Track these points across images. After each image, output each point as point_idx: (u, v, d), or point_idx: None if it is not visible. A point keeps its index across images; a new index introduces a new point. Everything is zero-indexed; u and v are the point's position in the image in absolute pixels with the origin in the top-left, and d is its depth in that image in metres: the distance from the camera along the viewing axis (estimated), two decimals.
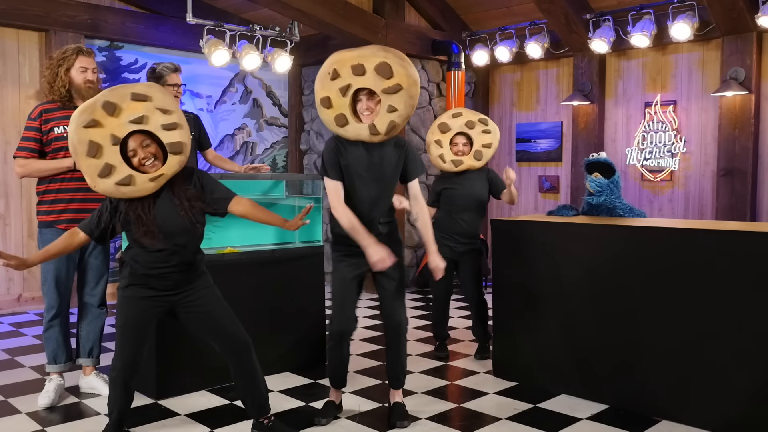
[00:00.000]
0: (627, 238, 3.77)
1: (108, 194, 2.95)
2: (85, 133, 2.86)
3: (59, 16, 6.30)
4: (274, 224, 3.20)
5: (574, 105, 7.39)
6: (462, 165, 4.66)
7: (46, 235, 3.78)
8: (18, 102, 6.33)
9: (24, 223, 6.40)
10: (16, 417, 3.64)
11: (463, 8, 7.77)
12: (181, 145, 2.98)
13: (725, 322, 3.38)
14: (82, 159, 2.88)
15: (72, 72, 3.76)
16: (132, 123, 2.91)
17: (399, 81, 3.22)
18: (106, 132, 2.88)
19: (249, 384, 3.21)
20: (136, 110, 2.92)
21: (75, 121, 2.87)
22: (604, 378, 3.83)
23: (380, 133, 3.28)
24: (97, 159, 2.87)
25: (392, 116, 3.26)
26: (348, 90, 3.24)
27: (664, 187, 6.98)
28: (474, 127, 4.66)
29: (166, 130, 2.96)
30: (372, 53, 3.24)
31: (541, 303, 4.09)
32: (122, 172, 2.90)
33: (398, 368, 3.56)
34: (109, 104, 2.88)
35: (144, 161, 2.94)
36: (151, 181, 2.95)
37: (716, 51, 6.53)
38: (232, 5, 7.31)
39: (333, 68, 3.24)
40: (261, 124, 8.04)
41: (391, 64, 3.21)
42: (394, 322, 3.49)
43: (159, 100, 2.97)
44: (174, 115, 2.99)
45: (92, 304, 3.95)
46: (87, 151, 2.86)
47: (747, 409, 3.32)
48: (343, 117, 3.28)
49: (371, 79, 3.22)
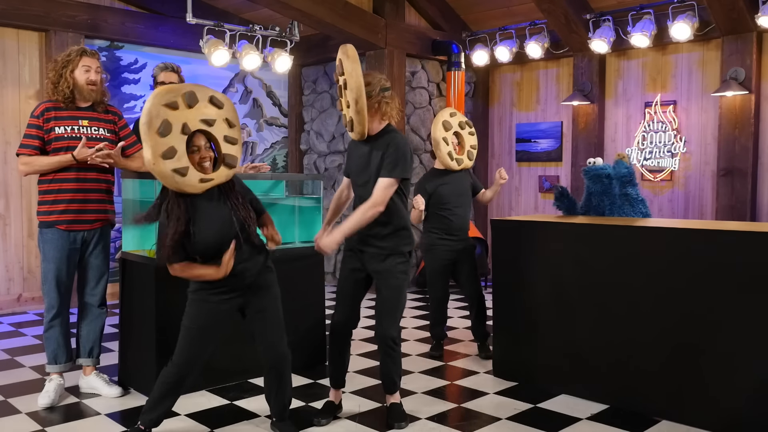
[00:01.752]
0: (627, 238, 3.77)
1: (161, 176, 2.92)
2: (164, 111, 2.88)
3: (59, 16, 6.30)
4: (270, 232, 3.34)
5: (574, 105, 7.39)
6: (463, 164, 4.78)
7: (46, 234, 3.78)
8: (18, 102, 6.33)
9: (24, 223, 6.40)
10: (16, 417, 3.64)
11: (463, 8, 7.77)
12: (235, 159, 3.10)
13: (725, 321, 3.38)
14: (151, 134, 2.87)
15: (75, 73, 3.77)
16: (203, 122, 2.99)
17: (347, 77, 3.30)
18: (181, 119, 2.93)
19: (274, 391, 3.33)
20: (210, 112, 3.02)
21: (159, 96, 2.90)
22: (604, 378, 3.83)
23: (352, 128, 3.37)
24: (165, 139, 2.88)
25: (350, 112, 3.35)
26: (340, 90, 3.41)
27: (664, 187, 6.98)
28: (464, 128, 4.85)
29: (226, 142, 3.08)
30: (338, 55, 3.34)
31: (541, 303, 4.09)
32: (182, 161, 2.93)
33: (389, 376, 3.56)
34: (192, 96, 2.96)
35: (203, 161, 3.01)
36: (201, 182, 2.99)
37: (716, 51, 6.53)
38: (232, 5, 7.31)
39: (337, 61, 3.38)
40: (261, 124, 8.04)
41: (342, 60, 3.31)
42: (378, 334, 3.49)
43: (230, 112, 3.10)
44: (236, 131, 3.11)
45: (92, 304, 3.95)
46: (159, 128, 2.87)
47: (747, 409, 3.32)
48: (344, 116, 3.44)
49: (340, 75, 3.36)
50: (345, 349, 3.60)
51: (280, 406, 3.36)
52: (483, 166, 8.37)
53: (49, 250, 3.78)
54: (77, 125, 3.79)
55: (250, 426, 3.50)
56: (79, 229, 3.80)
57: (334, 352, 3.60)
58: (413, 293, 7.44)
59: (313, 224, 4.74)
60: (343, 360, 3.61)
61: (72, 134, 3.77)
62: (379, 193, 3.30)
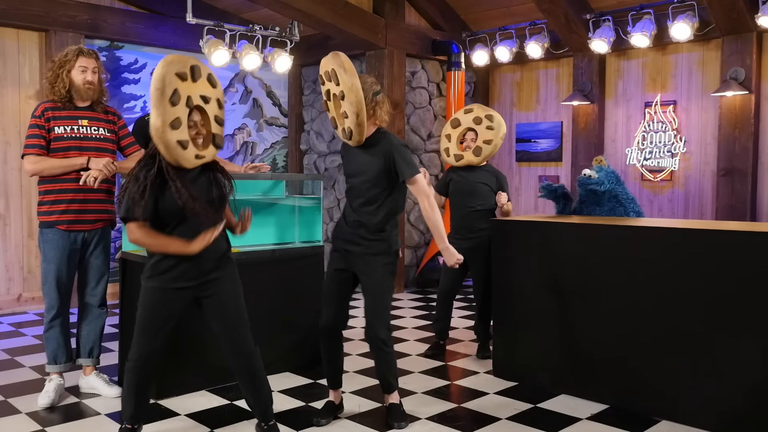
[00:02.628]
0: (627, 238, 3.77)
1: (166, 145, 2.85)
2: (175, 81, 2.84)
3: (59, 16, 6.29)
4: None
5: (574, 105, 7.39)
6: (462, 160, 4.77)
7: (47, 235, 3.77)
8: (18, 102, 6.33)
9: (24, 223, 6.40)
10: (16, 417, 3.64)
11: (463, 8, 7.77)
12: (222, 140, 3.09)
13: (725, 321, 3.38)
14: (163, 102, 2.81)
15: (72, 73, 3.77)
16: (201, 98, 2.96)
17: (343, 88, 3.27)
18: (186, 91, 2.89)
19: (248, 390, 3.21)
20: (208, 90, 2.99)
21: (170, 64, 2.84)
22: (604, 378, 3.83)
23: (348, 135, 3.37)
24: (174, 108, 2.84)
25: (347, 122, 3.33)
26: (329, 95, 3.38)
27: (664, 187, 6.98)
28: (480, 123, 4.77)
29: (216, 122, 3.05)
30: (327, 60, 3.32)
31: (541, 303, 4.09)
32: (185, 133, 2.90)
33: (384, 377, 3.55)
34: (197, 70, 2.92)
35: (197, 137, 2.97)
36: (196, 158, 2.97)
37: (716, 51, 6.53)
38: (232, 5, 7.31)
39: (320, 73, 3.39)
40: (261, 124, 8.04)
41: (337, 71, 3.27)
42: (368, 336, 3.47)
43: (220, 93, 3.07)
44: (222, 113, 3.10)
45: (93, 304, 3.95)
46: (171, 96, 2.82)
47: (747, 409, 3.32)
48: (333, 120, 3.43)
49: (333, 85, 3.32)
50: (336, 349, 3.58)
51: (261, 407, 3.23)
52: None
53: (49, 250, 3.77)
54: (77, 125, 3.79)
55: (250, 426, 3.50)
56: (80, 230, 3.80)
57: (325, 354, 3.58)
58: (413, 293, 7.44)
59: (313, 224, 4.75)
60: (336, 361, 3.60)
61: (72, 134, 3.77)
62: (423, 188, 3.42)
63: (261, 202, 4.58)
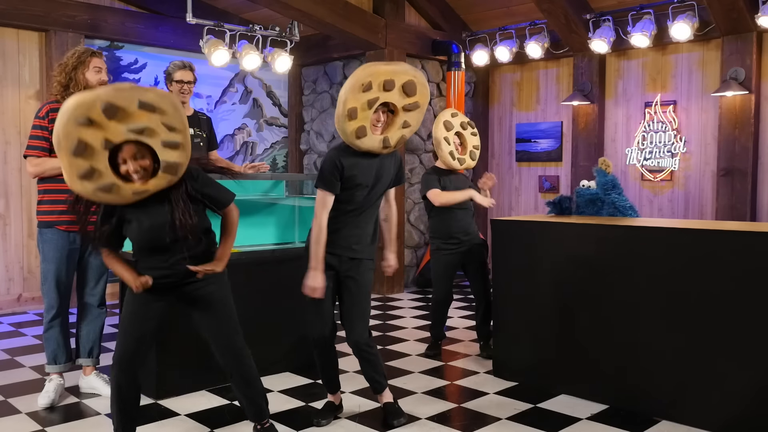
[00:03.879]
0: (627, 238, 3.77)
1: (84, 196, 2.75)
2: (76, 130, 2.59)
3: (59, 16, 6.30)
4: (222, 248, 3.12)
5: (574, 105, 7.39)
6: (465, 164, 4.80)
7: (46, 235, 3.78)
8: (18, 102, 6.33)
9: (24, 223, 6.40)
10: (16, 417, 3.64)
11: (463, 8, 7.77)
12: (177, 167, 2.79)
13: (725, 322, 3.38)
14: (64, 154, 2.62)
15: (87, 74, 3.77)
16: (131, 132, 2.68)
17: (418, 99, 3.32)
18: (100, 135, 2.63)
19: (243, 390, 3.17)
20: (139, 120, 2.67)
21: (67, 113, 2.59)
22: (604, 378, 3.83)
23: (391, 146, 3.36)
24: (82, 159, 2.63)
25: (405, 131, 3.36)
26: (375, 103, 3.24)
27: (664, 187, 6.98)
28: (466, 129, 4.84)
29: (166, 148, 2.74)
30: (403, 70, 3.29)
31: (541, 303, 4.09)
32: (106, 178, 2.69)
33: (372, 378, 3.55)
34: (111, 107, 2.61)
35: (134, 174, 2.74)
36: (134, 194, 2.77)
37: (716, 51, 6.53)
38: (232, 5, 7.31)
39: (368, 80, 3.18)
40: (261, 124, 8.04)
41: (417, 83, 3.30)
42: (352, 341, 3.45)
43: (169, 114, 2.73)
44: (179, 135, 2.77)
45: (92, 303, 3.95)
46: (73, 149, 2.61)
47: (747, 410, 3.32)
48: (363, 129, 3.25)
49: (396, 95, 3.28)
50: (334, 357, 3.59)
51: (254, 408, 3.19)
52: (483, 166, 8.36)
53: (48, 250, 3.78)
54: None
55: (249, 426, 3.49)
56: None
57: (325, 363, 3.55)
58: (413, 293, 7.44)
59: None
60: (335, 368, 3.60)
61: None
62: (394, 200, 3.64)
63: (261, 202, 4.58)
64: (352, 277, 3.42)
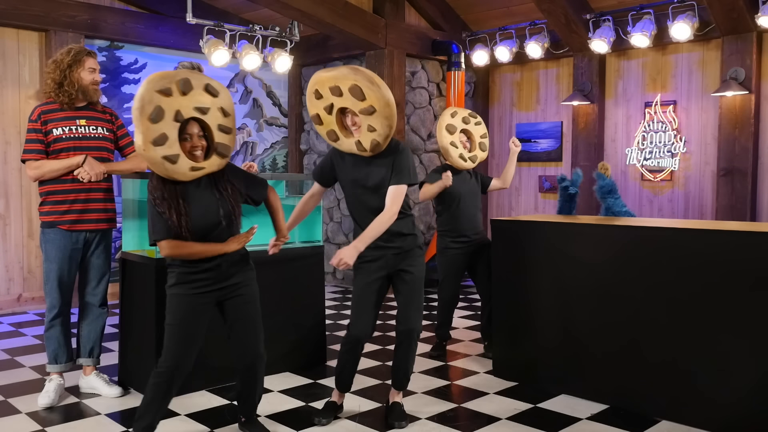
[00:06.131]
0: (627, 238, 3.77)
1: (151, 162, 2.87)
2: (157, 97, 2.83)
3: (59, 16, 6.30)
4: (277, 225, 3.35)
5: (574, 105, 7.39)
6: (478, 159, 4.81)
7: (48, 234, 3.78)
8: (18, 102, 6.33)
9: (24, 223, 6.40)
10: (16, 417, 3.64)
11: (463, 8, 7.77)
12: (228, 149, 3.05)
13: (725, 321, 3.38)
14: (143, 120, 2.81)
15: (82, 74, 3.78)
16: (196, 110, 2.94)
17: (371, 103, 3.23)
18: (174, 106, 2.87)
19: (247, 390, 3.29)
20: (205, 100, 2.96)
21: (152, 81, 2.84)
22: (604, 378, 3.83)
23: (366, 150, 3.34)
24: (156, 125, 2.83)
25: (373, 135, 3.29)
26: (332, 109, 3.31)
27: (664, 187, 6.98)
28: (469, 122, 4.80)
29: (220, 131, 3.02)
30: (344, 75, 3.24)
31: (541, 303, 4.09)
32: (173, 148, 2.89)
33: (404, 372, 3.56)
34: (187, 83, 2.90)
35: (194, 150, 2.95)
36: (192, 170, 2.95)
37: (716, 51, 6.54)
38: (232, 5, 7.31)
39: (315, 89, 3.31)
40: (261, 124, 8.04)
41: (362, 86, 3.21)
42: (407, 327, 3.47)
43: (225, 100, 3.04)
44: (230, 119, 3.06)
45: (93, 303, 3.95)
46: (151, 114, 2.81)
47: (747, 409, 3.32)
48: (333, 133, 3.36)
49: (348, 99, 3.27)
50: (358, 358, 3.60)
51: (251, 405, 3.33)
52: (483, 166, 8.37)
53: (51, 250, 3.78)
54: (75, 125, 3.79)
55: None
56: (82, 229, 3.80)
57: (349, 362, 3.56)
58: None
59: (314, 224, 4.75)
60: (356, 369, 3.62)
61: (71, 134, 3.77)
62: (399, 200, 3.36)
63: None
64: (403, 269, 3.45)
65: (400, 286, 3.48)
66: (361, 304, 3.46)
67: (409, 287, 3.47)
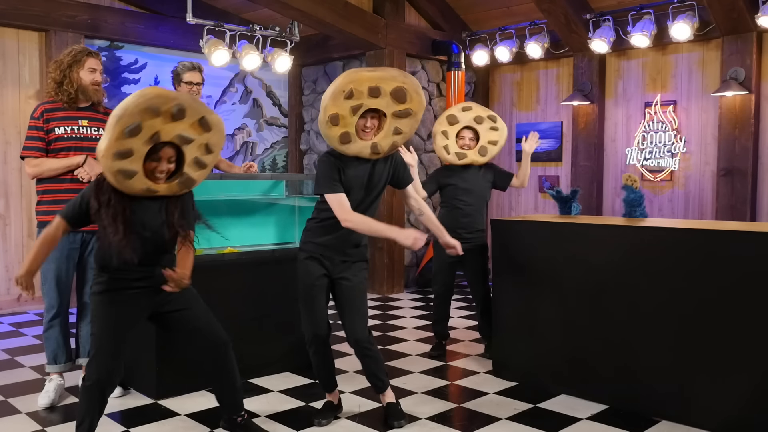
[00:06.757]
0: (627, 238, 3.76)
1: (105, 170, 2.80)
2: (141, 115, 2.73)
3: (59, 16, 6.30)
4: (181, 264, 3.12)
5: (574, 105, 7.39)
6: (465, 159, 4.67)
7: None
8: (18, 102, 6.33)
9: (24, 223, 6.40)
10: (16, 417, 3.64)
11: (463, 8, 7.77)
12: (192, 183, 2.99)
13: (725, 321, 3.38)
14: (116, 129, 2.71)
15: (81, 73, 3.78)
16: (178, 137, 2.85)
17: (411, 106, 3.27)
18: (156, 126, 2.78)
19: (227, 382, 3.22)
20: (192, 132, 2.88)
21: (144, 98, 2.73)
22: (604, 378, 3.83)
23: (381, 152, 3.32)
24: (126, 140, 2.74)
25: (396, 138, 3.31)
26: (359, 110, 3.22)
27: (664, 187, 6.98)
28: (482, 123, 4.67)
29: (195, 164, 2.95)
30: (391, 77, 3.23)
31: (541, 303, 4.09)
32: (134, 165, 2.80)
33: (375, 376, 3.54)
34: (181, 111, 2.80)
35: (158, 172, 2.87)
36: (144, 190, 2.87)
37: (716, 51, 6.53)
38: (232, 5, 7.31)
39: (350, 87, 3.17)
40: (261, 124, 8.04)
41: (408, 89, 3.25)
42: (353, 340, 3.43)
43: (215, 137, 2.95)
44: (212, 157, 2.99)
45: None
46: (126, 129, 2.71)
47: (747, 410, 3.32)
48: (348, 135, 3.24)
49: (385, 101, 3.24)
50: (330, 355, 3.58)
51: (238, 398, 3.26)
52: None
53: None
54: (77, 125, 3.80)
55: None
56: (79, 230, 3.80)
57: (321, 362, 3.53)
58: (413, 293, 7.45)
59: None
60: (331, 366, 3.59)
61: (72, 134, 3.78)
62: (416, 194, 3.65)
63: (261, 202, 4.58)
64: (345, 277, 3.42)
65: (340, 291, 3.44)
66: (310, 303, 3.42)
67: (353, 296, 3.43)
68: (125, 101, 2.74)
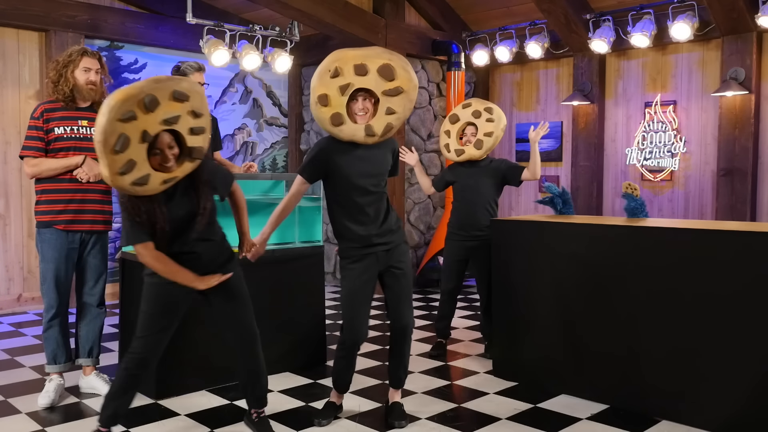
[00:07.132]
0: (627, 238, 3.76)
1: (121, 191, 2.84)
2: (120, 126, 2.67)
3: (59, 16, 6.29)
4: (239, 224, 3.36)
5: (574, 105, 7.39)
6: (464, 155, 4.67)
7: (44, 234, 3.78)
8: (18, 102, 6.33)
9: (24, 223, 6.40)
10: (16, 417, 3.64)
11: (463, 8, 7.77)
12: (201, 151, 2.95)
13: (725, 321, 3.38)
14: (106, 153, 2.68)
15: (76, 73, 3.78)
16: (164, 122, 2.80)
17: (401, 84, 3.21)
18: (140, 127, 2.73)
19: (253, 375, 3.27)
20: (173, 110, 2.80)
21: (113, 111, 2.65)
22: (604, 378, 3.83)
23: (376, 134, 3.27)
24: (122, 154, 2.71)
25: (390, 118, 3.25)
26: (348, 89, 3.20)
27: (664, 187, 6.98)
28: (480, 117, 4.66)
29: (192, 134, 2.90)
30: (376, 54, 3.22)
31: (541, 303, 4.09)
32: (142, 170, 2.78)
33: (401, 368, 3.56)
34: (153, 100, 2.73)
35: (166, 162, 2.86)
36: (163, 183, 2.87)
37: (716, 51, 6.54)
38: (232, 5, 7.31)
39: (335, 66, 3.19)
40: (261, 124, 8.04)
41: (395, 66, 3.20)
42: (401, 324, 3.45)
43: (196, 101, 2.88)
44: (203, 119, 2.93)
45: (91, 303, 3.95)
46: (116, 145, 2.68)
47: (747, 409, 3.32)
48: (339, 116, 3.23)
49: (373, 80, 3.20)
50: (354, 360, 3.58)
51: (261, 392, 3.31)
52: None
53: (47, 250, 3.78)
54: (77, 125, 3.80)
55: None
56: (78, 230, 3.80)
57: (344, 366, 3.52)
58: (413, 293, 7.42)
59: (313, 224, 4.75)
60: (353, 371, 3.60)
61: (72, 134, 3.78)
62: None
63: (261, 202, 4.58)
64: (393, 265, 3.42)
65: (391, 282, 3.44)
66: (353, 307, 3.40)
67: (399, 283, 3.44)
68: (99, 122, 2.68)
